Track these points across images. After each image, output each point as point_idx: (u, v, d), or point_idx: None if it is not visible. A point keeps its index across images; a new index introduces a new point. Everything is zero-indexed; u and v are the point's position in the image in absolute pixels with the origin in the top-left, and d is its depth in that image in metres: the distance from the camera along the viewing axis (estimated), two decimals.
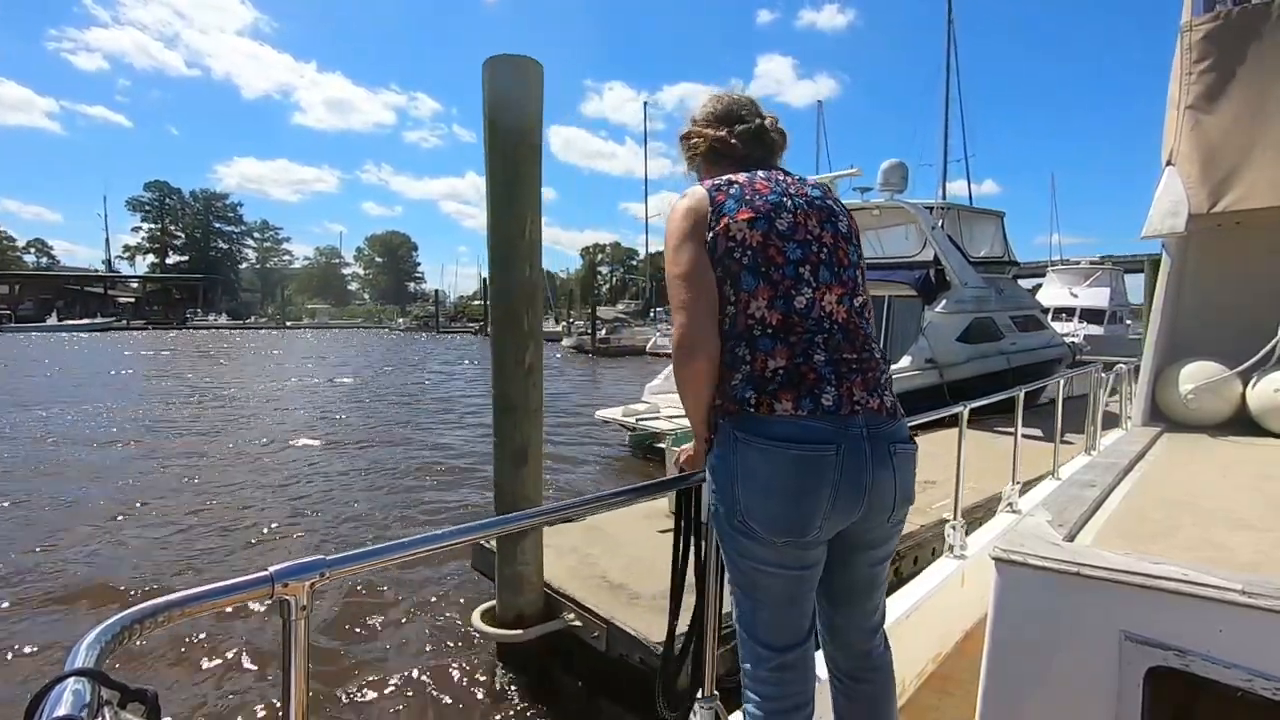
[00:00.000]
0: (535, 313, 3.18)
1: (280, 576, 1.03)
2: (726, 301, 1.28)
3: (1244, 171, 2.67)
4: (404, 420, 12.28)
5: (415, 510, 6.65)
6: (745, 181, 1.34)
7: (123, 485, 7.31)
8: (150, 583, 4.73)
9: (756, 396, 1.22)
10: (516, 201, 3.07)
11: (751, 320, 1.26)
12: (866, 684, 1.42)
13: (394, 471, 8.22)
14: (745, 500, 1.22)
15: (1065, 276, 22.03)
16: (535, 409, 3.21)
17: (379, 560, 1.28)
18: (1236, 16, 2.73)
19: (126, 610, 0.76)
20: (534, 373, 3.17)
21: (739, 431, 1.23)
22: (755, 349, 1.25)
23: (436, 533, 1.36)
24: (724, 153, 1.45)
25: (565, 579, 3.52)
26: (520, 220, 3.06)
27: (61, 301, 59.68)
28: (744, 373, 1.25)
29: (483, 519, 1.74)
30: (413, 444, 10.02)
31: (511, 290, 3.13)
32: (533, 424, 3.21)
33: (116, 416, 12.00)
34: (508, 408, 3.18)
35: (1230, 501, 1.83)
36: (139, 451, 9.15)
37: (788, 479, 1.19)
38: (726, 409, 1.26)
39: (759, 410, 1.21)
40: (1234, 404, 2.88)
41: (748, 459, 1.21)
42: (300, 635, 1.08)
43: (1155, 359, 3.10)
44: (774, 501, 1.20)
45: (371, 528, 6.08)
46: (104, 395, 14.75)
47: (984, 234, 11.63)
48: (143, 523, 6.09)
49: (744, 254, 1.27)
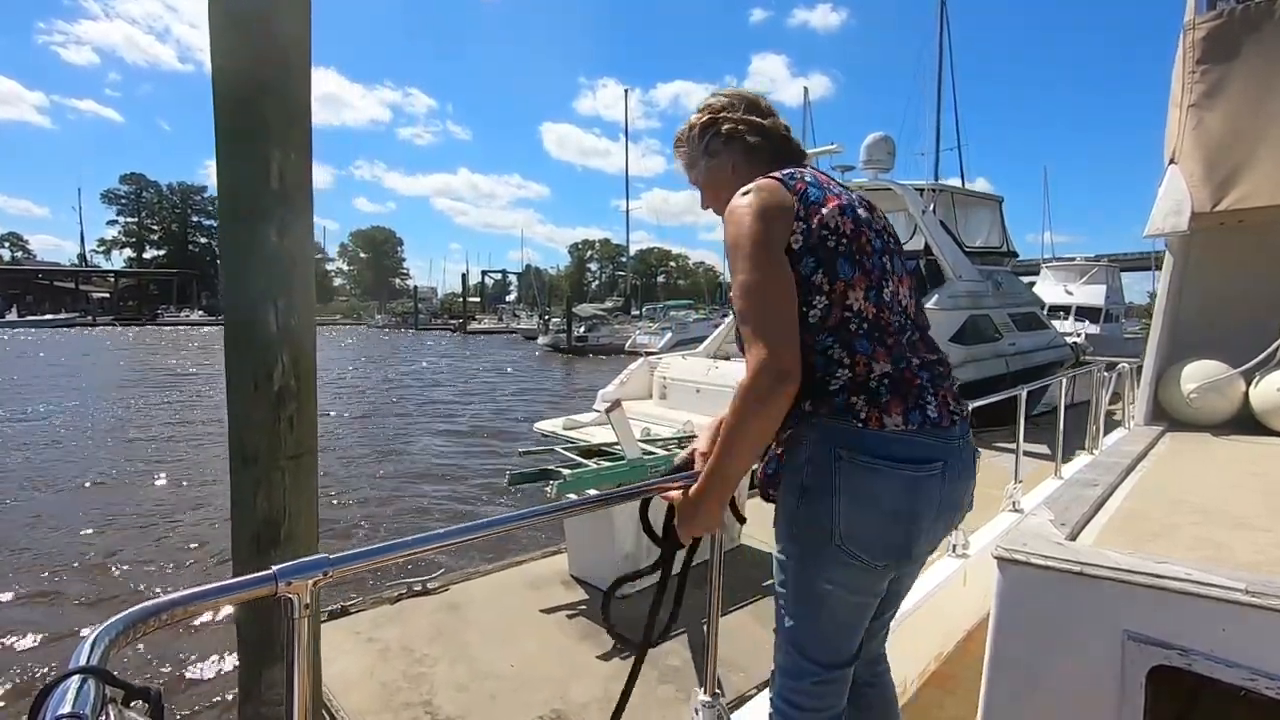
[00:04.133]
0: (296, 304, 1.96)
1: (284, 575, 1.03)
2: (816, 292, 1.12)
3: (1247, 170, 2.67)
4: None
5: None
6: (808, 171, 1.22)
7: None
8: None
9: (867, 408, 1.09)
10: (261, 130, 1.87)
11: (848, 313, 1.12)
12: (875, 689, 1.39)
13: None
14: (847, 524, 1.09)
15: (1060, 274, 21.74)
16: (296, 456, 2.00)
17: (382, 559, 1.28)
18: (1239, 15, 2.72)
19: (130, 609, 0.76)
20: (291, 400, 1.96)
21: (844, 449, 1.09)
22: (853, 350, 1.11)
23: (437, 532, 1.36)
24: (760, 146, 1.27)
25: (363, 708, 2.52)
26: (263, 159, 1.87)
27: (30, 296, 59.49)
28: (843, 378, 1.11)
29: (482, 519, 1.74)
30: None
31: (249, 270, 1.90)
32: (291, 483, 1.99)
33: None
34: (247, 458, 1.95)
35: (1233, 501, 1.82)
36: None
37: (899, 503, 1.08)
38: (821, 419, 1.11)
39: (869, 424, 1.08)
40: (1237, 403, 2.87)
41: (854, 479, 1.08)
42: (303, 634, 1.08)
43: (1157, 358, 3.09)
44: (884, 526, 1.09)
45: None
46: None
47: (980, 221, 10.51)
48: None
49: (839, 241, 1.13)
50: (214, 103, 1.88)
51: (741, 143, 1.27)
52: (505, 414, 13.41)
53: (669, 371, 7.07)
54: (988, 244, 10.28)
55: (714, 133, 1.28)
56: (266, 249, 1.91)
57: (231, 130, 1.90)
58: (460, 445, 10.22)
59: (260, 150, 1.90)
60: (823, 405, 1.12)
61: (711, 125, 1.29)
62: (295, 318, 1.95)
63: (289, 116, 1.94)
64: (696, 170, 1.33)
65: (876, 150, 8.82)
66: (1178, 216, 2.78)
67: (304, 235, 1.98)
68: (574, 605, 3.46)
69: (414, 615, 3.26)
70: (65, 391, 15.23)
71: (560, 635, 3.16)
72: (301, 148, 1.97)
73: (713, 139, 1.29)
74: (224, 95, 1.88)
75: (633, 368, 7.31)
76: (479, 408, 14.35)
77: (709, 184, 1.33)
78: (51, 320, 51.50)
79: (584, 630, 3.20)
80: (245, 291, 1.92)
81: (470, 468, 8.72)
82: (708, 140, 1.29)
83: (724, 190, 1.24)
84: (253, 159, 1.91)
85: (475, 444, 10.33)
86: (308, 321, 2.01)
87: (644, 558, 3.24)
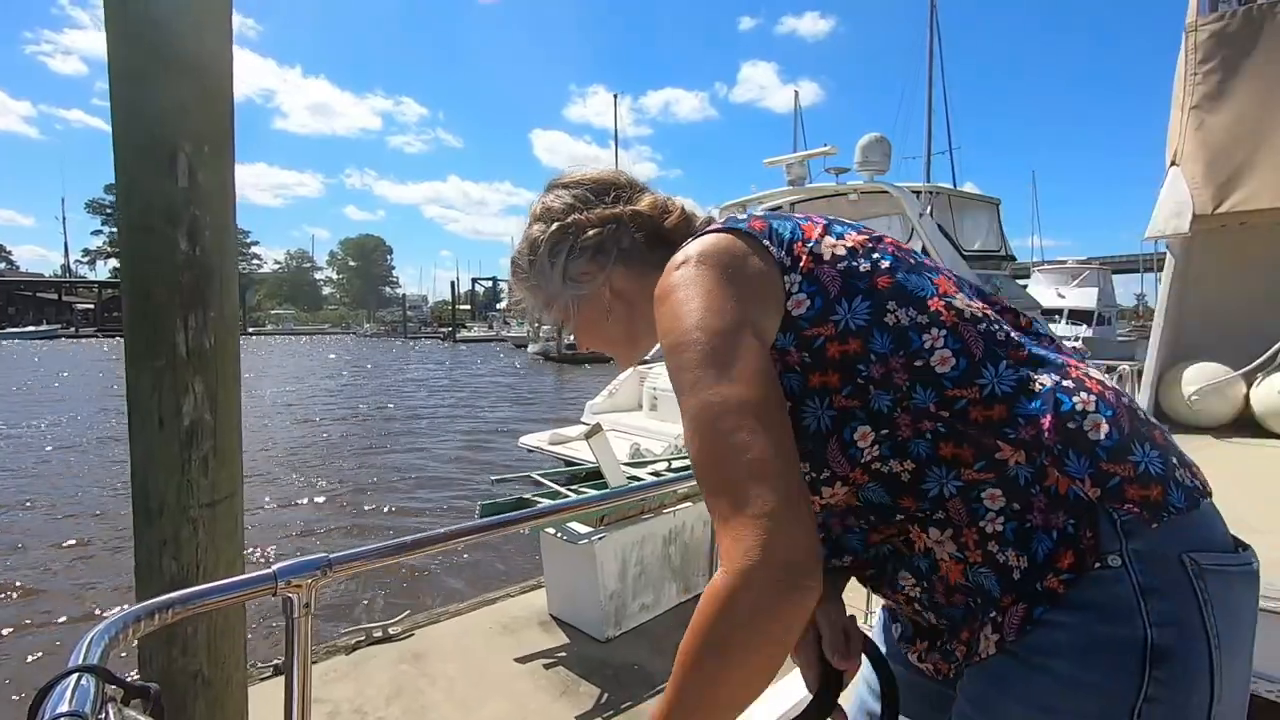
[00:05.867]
0: (212, 323, 1.60)
1: (284, 574, 1.03)
2: (932, 336, 0.67)
3: (1249, 172, 2.67)
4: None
5: None
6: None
7: None
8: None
9: (1192, 483, 0.66)
10: (166, 115, 1.51)
11: (1022, 349, 0.69)
12: None
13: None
14: (1227, 673, 0.61)
15: (1052, 276, 21.63)
16: (212, 504, 1.62)
17: (381, 559, 1.28)
18: (1241, 17, 2.72)
19: (130, 607, 0.76)
20: (206, 437, 1.60)
21: (1200, 555, 0.62)
22: (1083, 386, 0.67)
23: (437, 531, 1.36)
24: (649, 240, 0.83)
25: None
26: (167, 149, 1.51)
27: (13, 308, 59.17)
28: (1123, 431, 0.64)
29: (480, 519, 1.74)
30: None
31: (152, 283, 1.56)
32: (207, 538, 1.61)
33: None
34: (151, 510, 1.58)
35: (1233, 503, 1.82)
36: None
37: (1254, 615, 0.67)
38: (1126, 506, 0.61)
39: (1193, 507, 0.64)
40: (1237, 405, 2.87)
41: (1229, 600, 0.62)
42: (303, 633, 1.08)
43: (1159, 360, 3.09)
44: (1247, 662, 0.66)
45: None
46: None
47: (977, 224, 10.20)
48: None
49: (880, 255, 0.75)
50: (109, 74, 1.54)
51: (620, 245, 0.83)
52: (489, 423, 13.10)
53: (660, 382, 6.97)
54: (985, 247, 10.01)
55: (570, 247, 0.82)
56: (175, 258, 1.58)
57: (128, 110, 1.55)
58: (439, 458, 9.80)
59: (165, 138, 1.55)
60: (1137, 488, 0.62)
61: (564, 238, 0.83)
62: (210, 339, 1.62)
63: (203, 96, 1.60)
64: (559, 307, 0.86)
65: (872, 151, 8.34)
66: (1179, 218, 2.78)
67: (223, 242, 1.64)
68: (553, 653, 3.00)
69: (372, 668, 2.88)
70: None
71: (537, 691, 2.75)
72: (219, 138, 1.64)
73: (572, 258, 0.82)
74: (119, 69, 1.54)
75: (622, 377, 7.23)
76: (463, 415, 14.08)
77: (585, 324, 0.86)
78: (33, 332, 51.01)
79: (564, 684, 2.78)
80: (147, 308, 1.59)
81: (456, 480, 8.44)
82: (564, 262, 0.83)
83: (610, 324, 0.84)
84: (154, 150, 1.55)
85: (455, 454, 9.99)
86: (227, 343, 1.67)
87: (630, 598, 3.13)
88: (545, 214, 0.86)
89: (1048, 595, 0.61)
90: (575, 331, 0.89)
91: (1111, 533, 0.61)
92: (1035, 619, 0.62)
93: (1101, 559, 0.60)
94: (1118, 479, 0.62)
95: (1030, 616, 0.62)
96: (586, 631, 3.11)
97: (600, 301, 0.84)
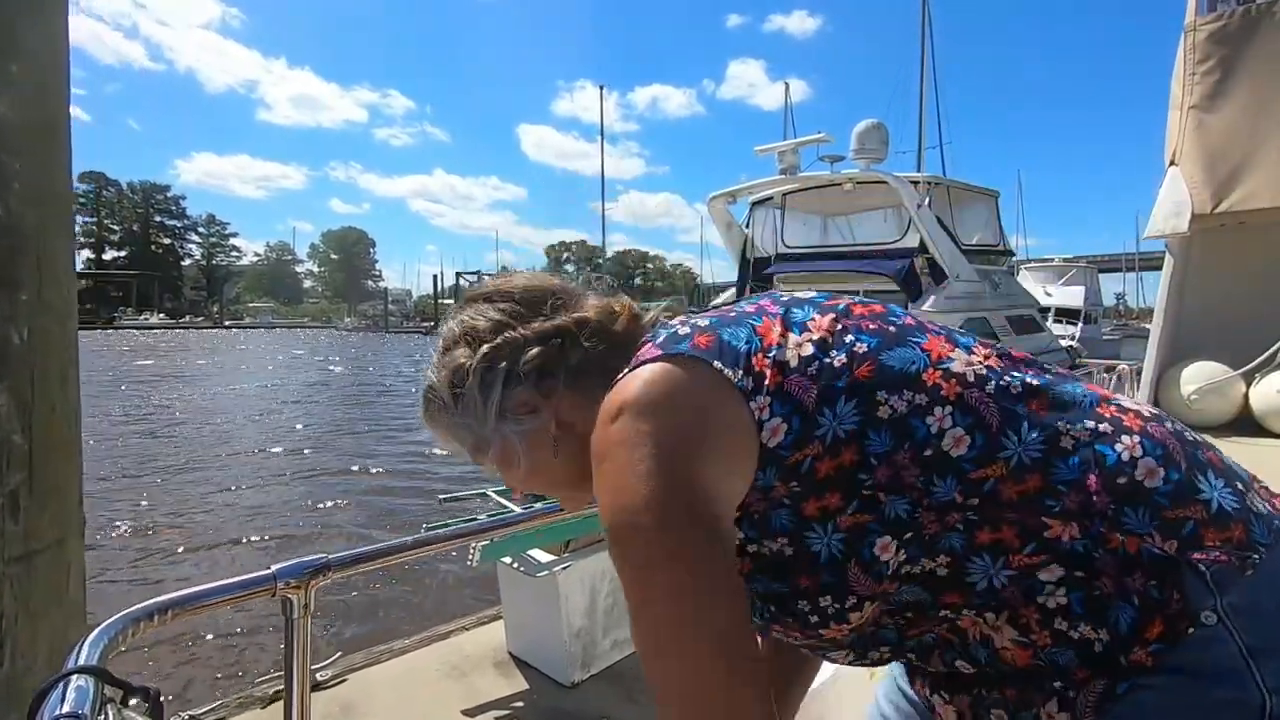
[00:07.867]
0: (26, 313, 1.22)
1: (283, 575, 1.03)
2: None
3: (1247, 172, 2.67)
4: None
5: None
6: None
7: None
8: None
9: (1269, 508, 0.59)
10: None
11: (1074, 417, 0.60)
12: None
13: None
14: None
15: (1039, 275, 21.41)
16: (26, 557, 1.21)
17: (380, 560, 1.28)
18: (1240, 17, 2.73)
19: (129, 608, 0.76)
20: (18, 467, 1.19)
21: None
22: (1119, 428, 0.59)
23: (436, 532, 1.36)
24: (600, 350, 0.68)
25: None
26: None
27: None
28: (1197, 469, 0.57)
29: (479, 520, 1.74)
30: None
31: None
32: (18, 601, 1.20)
33: None
34: None
35: None
36: None
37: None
38: (1213, 555, 0.53)
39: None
40: (1237, 405, 2.87)
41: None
42: (302, 634, 1.08)
43: (1158, 360, 3.09)
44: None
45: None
46: None
47: (976, 217, 9.72)
48: None
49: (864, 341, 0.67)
50: None
51: (569, 364, 0.67)
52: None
53: None
54: (984, 241, 9.62)
55: (507, 374, 0.66)
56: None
57: None
58: (411, 462, 9.25)
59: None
60: (1229, 530, 0.54)
61: (491, 365, 0.66)
62: (21, 331, 1.20)
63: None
64: (497, 449, 0.69)
65: (869, 138, 7.96)
66: (1178, 218, 2.78)
67: (41, 206, 1.25)
68: (508, 701, 2.49)
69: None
70: None
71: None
72: (45, 58, 1.27)
73: (510, 387, 0.66)
74: None
75: None
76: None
77: (533, 467, 0.70)
78: None
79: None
80: None
81: (428, 489, 7.77)
82: (500, 392, 0.66)
83: (560, 462, 0.69)
84: None
85: (427, 458, 9.29)
86: (55, 337, 1.29)
87: (600, 635, 2.62)
88: (470, 335, 0.68)
89: (1135, 670, 0.52)
90: (522, 476, 0.71)
91: (1202, 588, 0.52)
92: (1117, 695, 0.53)
93: (1194, 621, 0.51)
94: (1191, 523, 0.53)
95: (1112, 694, 0.53)
96: (549, 674, 2.61)
97: (544, 436, 0.67)
